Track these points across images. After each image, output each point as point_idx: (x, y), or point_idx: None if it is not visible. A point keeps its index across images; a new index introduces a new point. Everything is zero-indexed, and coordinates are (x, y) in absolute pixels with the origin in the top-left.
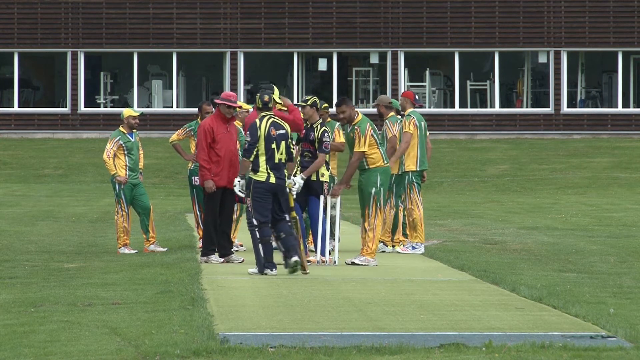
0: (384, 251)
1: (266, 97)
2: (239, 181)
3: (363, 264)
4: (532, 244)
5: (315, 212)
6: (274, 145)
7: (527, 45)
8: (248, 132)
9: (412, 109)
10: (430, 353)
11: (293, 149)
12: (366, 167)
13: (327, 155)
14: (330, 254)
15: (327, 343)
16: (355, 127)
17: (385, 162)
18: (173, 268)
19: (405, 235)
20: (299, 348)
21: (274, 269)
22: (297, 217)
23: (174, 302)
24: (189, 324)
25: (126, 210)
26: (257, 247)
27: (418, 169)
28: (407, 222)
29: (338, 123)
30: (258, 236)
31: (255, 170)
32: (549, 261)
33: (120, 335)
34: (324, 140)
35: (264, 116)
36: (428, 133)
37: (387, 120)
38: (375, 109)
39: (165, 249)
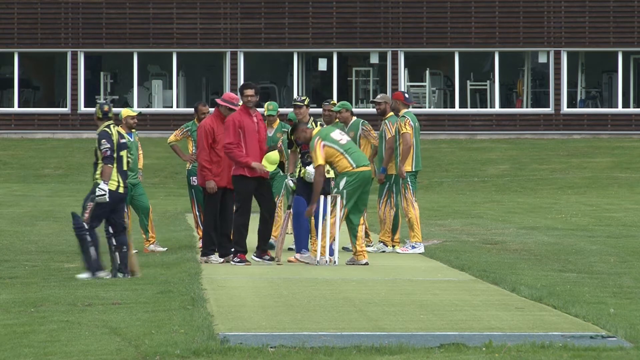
0: (383, 251)
1: (106, 107)
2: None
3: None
4: (532, 244)
5: (323, 210)
6: (122, 153)
7: (527, 45)
8: (104, 140)
9: (406, 110)
10: (430, 353)
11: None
12: (337, 174)
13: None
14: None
15: (327, 343)
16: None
17: (354, 166)
18: (173, 268)
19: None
20: (299, 348)
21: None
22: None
23: (174, 302)
24: (189, 324)
25: (125, 210)
26: (88, 251)
27: (413, 170)
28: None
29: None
30: (90, 240)
31: None
32: (549, 261)
33: (120, 335)
34: None
35: (110, 125)
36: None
37: (386, 121)
38: (374, 109)
39: (165, 249)
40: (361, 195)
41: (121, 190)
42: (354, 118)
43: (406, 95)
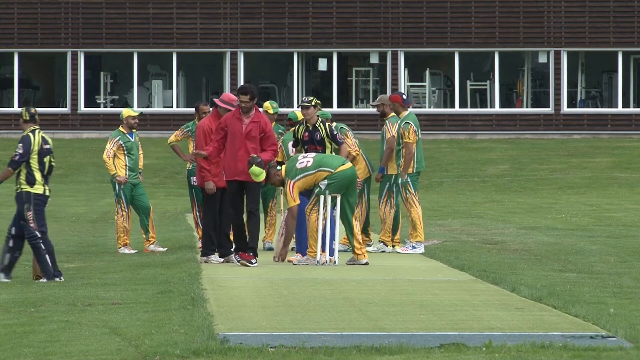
0: (383, 251)
1: (32, 110)
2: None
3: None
4: (532, 244)
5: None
6: (45, 159)
7: (527, 45)
8: (21, 145)
9: (406, 112)
10: (430, 353)
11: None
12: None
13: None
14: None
15: (327, 343)
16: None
17: (333, 170)
18: (173, 268)
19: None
20: (299, 348)
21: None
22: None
23: (174, 302)
24: (189, 324)
25: (126, 210)
26: (45, 258)
27: (415, 171)
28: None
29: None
30: (44, 247)
31: (32, 183)
32: (549, 261)
33: (120, 335)
34: (335, 134)
35: (35, 130)
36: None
37: (387, 121)
38: (374, 109)
39: (165, 249)
40: (349, 191)
41: (47, 193)
42: (334, 123)
43: (404, 97)
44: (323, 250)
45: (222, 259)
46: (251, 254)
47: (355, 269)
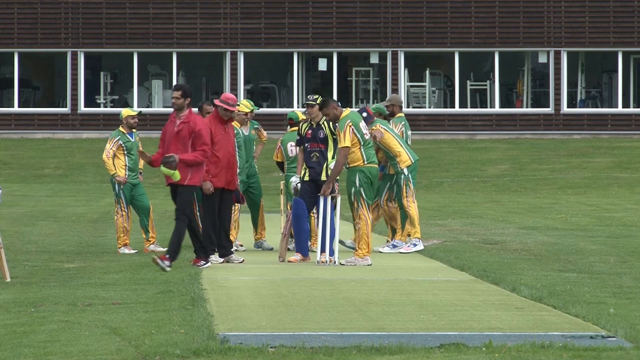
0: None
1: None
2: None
3: (350, 264)
4: (532, 244)
5: (322, 211)
6: None
7: (527, 46)
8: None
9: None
10: (430, 353)
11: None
12: (347, 166)
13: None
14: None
15: (327, 343)
16: (337, 125)
17: (367, 162)
18: (173, 268)
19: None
20: (299, 348)
21: None
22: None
23: (174, 302)
24: (189, 323)
25: (126, 210)
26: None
27: (413, 161)
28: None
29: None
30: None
31: None
32: (549, 261)
33: (120, 335)
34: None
35: None
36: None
37: (391, 120)
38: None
39: (165, 249)
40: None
41: None
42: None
43: (364, 115)
44: (323, 250)
45: (222, 259)
46: (167, 255)
47: (355, 269)
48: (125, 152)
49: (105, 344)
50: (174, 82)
